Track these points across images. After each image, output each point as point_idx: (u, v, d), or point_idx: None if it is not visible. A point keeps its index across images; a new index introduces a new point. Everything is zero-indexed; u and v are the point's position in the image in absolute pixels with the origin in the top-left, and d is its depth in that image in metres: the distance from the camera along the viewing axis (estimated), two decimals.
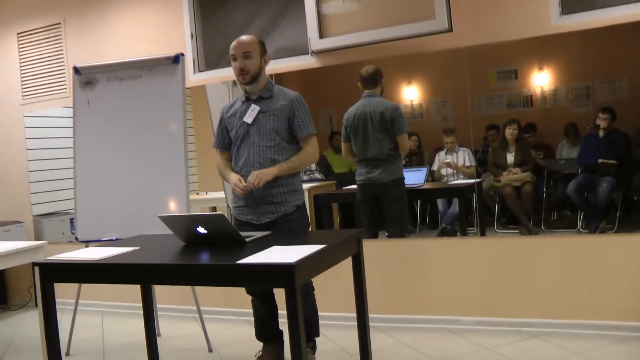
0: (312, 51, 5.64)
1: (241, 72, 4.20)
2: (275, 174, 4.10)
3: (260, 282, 3.32)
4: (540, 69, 5.36)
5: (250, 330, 4.80)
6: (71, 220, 7.06)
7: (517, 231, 5.50)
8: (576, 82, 5.23)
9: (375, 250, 5.39)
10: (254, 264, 3.02)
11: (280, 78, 5.69)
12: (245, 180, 4.11)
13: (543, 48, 5.20)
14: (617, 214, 5.13)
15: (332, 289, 4.86)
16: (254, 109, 4.23)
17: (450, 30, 5.05)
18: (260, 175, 4.03)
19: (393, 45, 5.33)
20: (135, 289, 4.49)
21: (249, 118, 4.23)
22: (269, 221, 4.20)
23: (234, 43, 4.24)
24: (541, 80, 5.35)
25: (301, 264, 2.93)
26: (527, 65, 5.39)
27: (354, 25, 5.44)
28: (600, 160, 5.19)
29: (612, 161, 5.14)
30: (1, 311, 7.27)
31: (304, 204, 4.36)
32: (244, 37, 4.29)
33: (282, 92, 4.32)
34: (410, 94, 5.90)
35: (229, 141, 4.41)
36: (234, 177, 4.21)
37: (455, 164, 5.83)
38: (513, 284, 5.05)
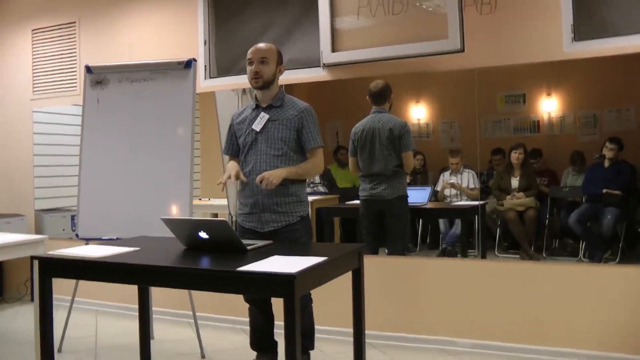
0: (324, 64, 5.65)
1: (255, 75, 4.22)
2: (284, 176, 4.09)
3: (260, 290, 3.31)
4: (549, 94, 5.36)
5: (245, 338, 4.79)
6: (72, 217, 7.07)
7: (518, 256, 5.49)
8: (584, 110, 5.23)
9: (375, 266, 5.38)
10: (254, 272, 3.02)
11: (289, 88, 5.70)
12: (253, 181, 4.13)
13: (552, 74, 5.20)
14: (620, 245, 5.11)
15: (330, 302, 4.85)
16: (263, 117, 4.24)
17: (462, 50, 5.06)
18: (271, 179, 4.00)
19: (404, 63, 5.34)
20: (131, 290, 4.48)
21: (257, 126, 4.24)
22: (272, 230, 4.20)
23: (252, 48, 4.28)
24: (549, 106, 5.35)
25: (302, 275, 2.93)
26: (535, 90, 5.39)
27: (366, 41, 5.45)
28: (604, 190, 5.18)
29: (617, 192, 5.13)
30: None
31: (308, 215, 4.36)
32: (262, 44, 4.34)
33: (293, 102, 4.33)
34: (418, 112, 5.91)
35: (238, 147, 4.41)
36: (232, 165, 4.24)
37: (459, 185, 5.83)
38: (511, 309, 5.03)
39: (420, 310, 5.37)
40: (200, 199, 6.52)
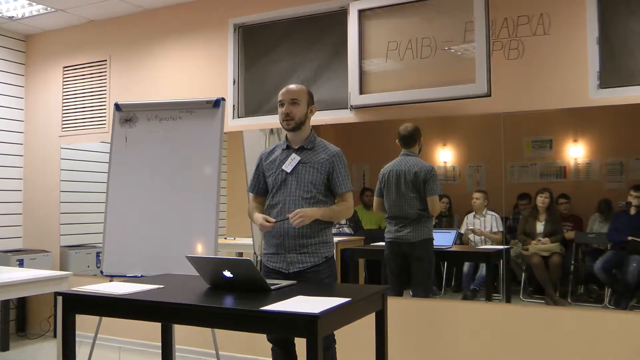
0: (352, 106, 5.68)
1: (286, 117, 4.23)
2: (317, 217, 4.11)
3: (283, 330, 3.30)
4: (575, 141, 5.34)
5: None
6: (97, 254, 7.11)
7: (543, 301, 5.44)
8: (610, 157, 5.20)
9: (399, 308, 5.36)
10: (277, 312, 3.01)
11: (316, 130, 5.72)
12: (279, 222, 4.13)
13: (579, 120, 5.20)
14: None
15: (353, 343, 4.83)
16: (294, 159, 4.25)
17: (489, 95, 5.07)
18: (304, 217, 4.03)
19: (431, 106, 5.36)
20: (155, 327, 4.49)
21: (288, 167, 4.24)
22: (297, 271, 4.17)
23: (283, 89, 4.29)
24: (575, 152, 5.33)
25: (325, 315, 2.92)
26: (562, 136, 5.37)
27: (394, 84, 5.48)
28: (630, 238, 5.14)
29: None
30: (19, 339, 7.29)
31: (333, 256, 4.33)
32: (293, 85, 4.35)
33: (324, 145, 4.34)
34: (445, 155, 5.91)
35: (264, 187, 4.42)
36: (258, 216, 4.22)
37: (480, 230, 5.80)
38: (536, 354, 4.98)
39: (443, 352, 5.33)
40: (225, 238, 6.53)
